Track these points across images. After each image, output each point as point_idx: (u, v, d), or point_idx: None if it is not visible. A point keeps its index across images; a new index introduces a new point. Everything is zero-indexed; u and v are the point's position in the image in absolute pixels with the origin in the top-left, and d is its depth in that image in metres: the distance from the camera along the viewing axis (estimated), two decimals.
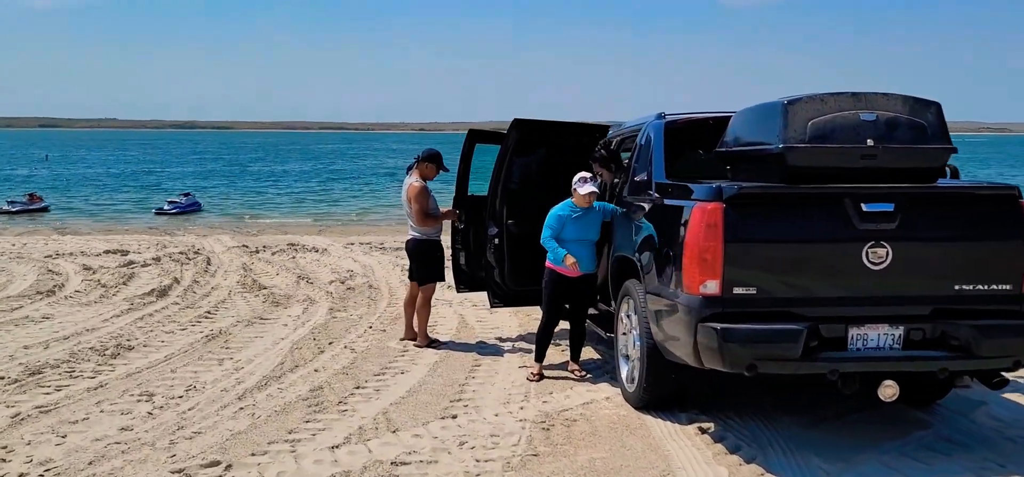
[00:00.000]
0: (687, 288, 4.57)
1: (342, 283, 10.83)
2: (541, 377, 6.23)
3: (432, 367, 6.65)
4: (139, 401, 5.65)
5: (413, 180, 7.24)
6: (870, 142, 4.50)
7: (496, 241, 7.20)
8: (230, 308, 9.09)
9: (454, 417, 5.38)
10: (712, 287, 4.45)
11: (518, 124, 7.07)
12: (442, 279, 7.44)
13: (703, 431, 5.08)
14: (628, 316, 5.63)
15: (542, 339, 6.30)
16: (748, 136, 4.99)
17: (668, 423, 5.22)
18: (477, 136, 7.75)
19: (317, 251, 14.27)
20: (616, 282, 5.94)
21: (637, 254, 5.35)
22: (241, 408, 5.52)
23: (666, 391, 5.34)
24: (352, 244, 15.53)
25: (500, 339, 7.72)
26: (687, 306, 4.56)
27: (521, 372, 6.46)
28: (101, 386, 5.99)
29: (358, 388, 6.04)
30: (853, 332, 4.47)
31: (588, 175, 6.08)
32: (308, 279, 11.11)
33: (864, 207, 4.40)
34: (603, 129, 7.21)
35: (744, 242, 4.44)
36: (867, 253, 4.42)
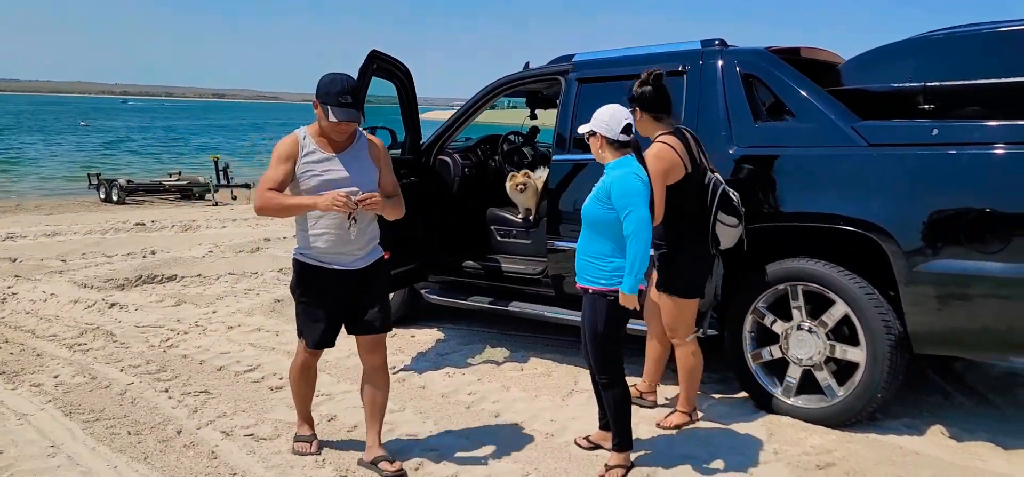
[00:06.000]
0: None
1: None
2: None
3: None
4: None
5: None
6: None
7: None
8: None
9: None
10: None
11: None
12: (319, 344, 3.59)
13: None
14: (767, 308, 4.19)
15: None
16: (995, 64, 3.80)
17: (918, 437, 3.94)
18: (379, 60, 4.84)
19: None
20: (736, 263, 4.22)
21: (891, 220, 3.77)
22: None
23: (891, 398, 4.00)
24: None
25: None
26: None
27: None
28: None
29: None
30: None
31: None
32: None
33: None
34: None
35: None
36: None
